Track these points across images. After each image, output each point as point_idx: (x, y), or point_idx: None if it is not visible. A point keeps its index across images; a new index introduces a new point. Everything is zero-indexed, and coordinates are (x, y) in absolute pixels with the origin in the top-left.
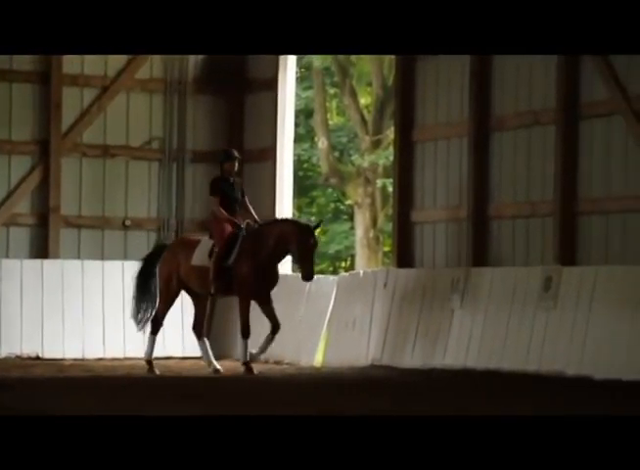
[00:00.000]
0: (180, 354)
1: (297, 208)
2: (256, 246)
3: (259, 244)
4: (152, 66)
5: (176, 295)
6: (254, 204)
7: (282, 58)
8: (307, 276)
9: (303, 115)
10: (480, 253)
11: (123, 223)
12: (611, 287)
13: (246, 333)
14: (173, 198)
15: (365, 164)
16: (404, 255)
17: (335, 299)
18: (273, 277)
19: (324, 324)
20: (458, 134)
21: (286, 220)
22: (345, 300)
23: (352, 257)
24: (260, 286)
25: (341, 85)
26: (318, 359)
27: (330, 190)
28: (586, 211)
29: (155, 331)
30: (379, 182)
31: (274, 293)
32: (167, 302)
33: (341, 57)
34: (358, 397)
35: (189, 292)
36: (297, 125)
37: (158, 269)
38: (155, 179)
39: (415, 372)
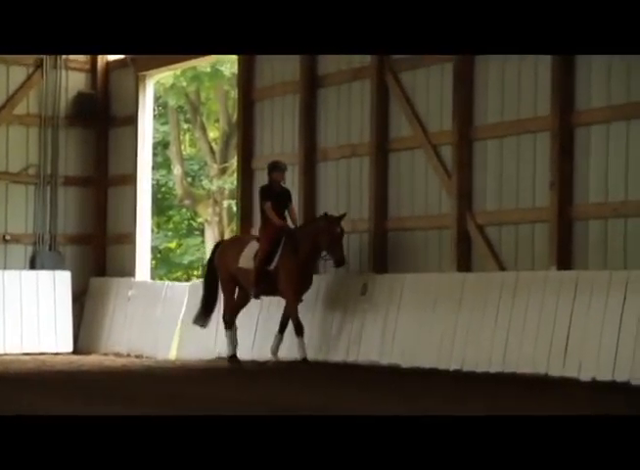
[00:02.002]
0: (54, 350)
1: (156, 225)
2: (296, 247)
3: (298, 245)
4: (28, 103)
5: (234, 289)
6: (118, 222)
7: (141, 97)
8: (339, 262)
9: (161, 146)
10: None
11: (4, 238)
12: (415, 290)
13: (299, 331)
14: (47, 216)
15: (214, 188)
16: None
17: (187, 302)
18: (309, 279)
19: (178, 323)
20: (290, 162)
21: (316, 218)
22: (196, 303)
23: (204, 266)
24: (301, 287)
25: (192, 121)
26: (173, 354)
27: (184, 210)
28: (394, 227)
29: (230, 326)
30: (225, 203)
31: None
32: (230, 296)
33: (192, 97)
34: (204, 383)
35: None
36: (155, 155)
37: (216, 266)
38: (31, 200)
39: (254, 363)
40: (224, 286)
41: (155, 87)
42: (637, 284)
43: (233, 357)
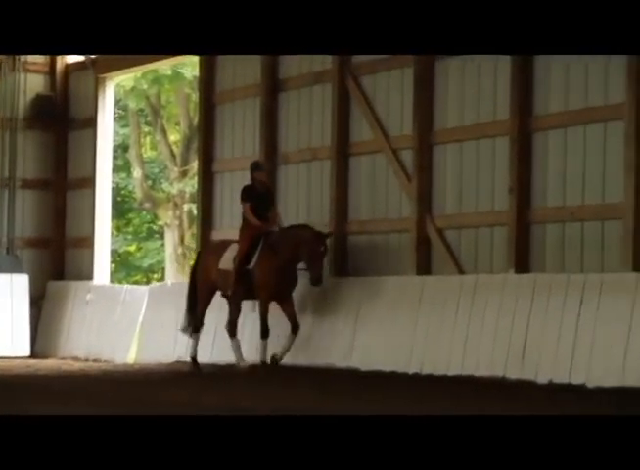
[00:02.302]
0: (11, 354)
1: (116, 228)
2: (275, 250)
3: (278, 248)
4: None
5: (211, 295)
6: (77, 225)
7: (101, 99)
8: (316, 280)
9: (121, 148)
10: None
11: None
12: (375, 293)
13: (265, 334)
14: (5, 219)
15: (174, 191)
16: None
17: (146, 305)
18: (292, 279)
19: (137, 327)
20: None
21: (302, 227)
22: (156, 306)
23: (163, 269)
24: (279, 288)
25: (153, 124)
26: (131, 357)
27: (144, 213)
28: (355, 231)
29: (196, 330)
30: (185, 206)
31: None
32: (204, 303)
33: (153, 100)
34: (163, 386)
35: (222, 294)
36: (115, 158)
37: (198, 272)
38: None
39: (214, 366)
40: (201, 290)
41: (115, 90)
42: (594, 287)
43: (240, 359)
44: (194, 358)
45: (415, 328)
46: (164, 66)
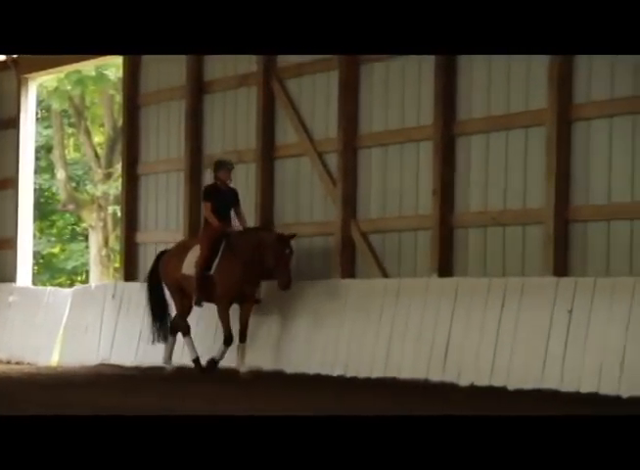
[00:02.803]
0: None
1: (39, 230)
2: (236, 254)
3: (239, 252)
4: None
5: (182, 294)
6: None
7: (23, 99)
8: (284, 285)
9: (44, 150)
10: None
11: None
12: (300, 297)
13: (228, 341)
14: None
15: (98, 193)
16: (130, 270)
17: (70, 307)
18: (254, 283)
19: (60, 329)
20: (176, 169)
21: (264, 229)
22: (79, 308)
23: (87, 271)
24: (241, 293)
25: (77, 125)
26: (55, 359)
27: (68, 215)
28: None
29: (186, 332)
30: (110, 208)
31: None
32: (180, 304)
33: (77, 101)
34: (89, 390)
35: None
36: (38, 159)
37: (161, 275)
38: None
39: (138, 369)
40: (172, 293)
41: (38, 90)
42: (515, 291)
43: (196, 360)
44: (196, 359)
45: (340, 331)
46: (88, 66)
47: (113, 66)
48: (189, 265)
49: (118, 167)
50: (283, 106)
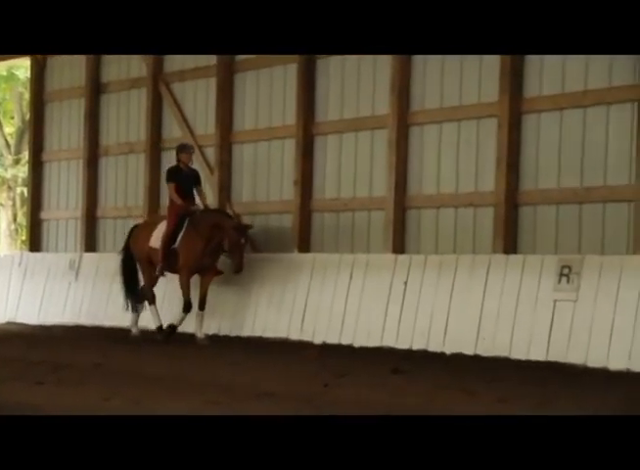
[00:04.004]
0: None
1: None
2: (198, 232)
3: (200, 231)
4: None
5: (150, 265)
6: None
7: None
8: (236, 269)
9: None
10: (89, 242)
11: None
12: None
13: (187, 308)
14: None
15: (8, 176)
16: (34, 242)
17: None
18: (213, 256)
19: None
20: (76, 157)
21: (224, 214)
22: None
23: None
24: (200, 265)
25: None
26: None
27: None
28: (165, 215)
29: (152, 301)
30: (18, 189)
31: None
32: (149, 275)
33: None
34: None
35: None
36: None
37: (132, 249)
38: None
39: (41, 327)
40: (141, 265)
41: None
42: (361, 266)
43: (159, 328)
44: (160, 327)
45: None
46: (0, 67)
47: (22, 67)
48: (156, 239)
49: (26, 154)
50: (169, 105)
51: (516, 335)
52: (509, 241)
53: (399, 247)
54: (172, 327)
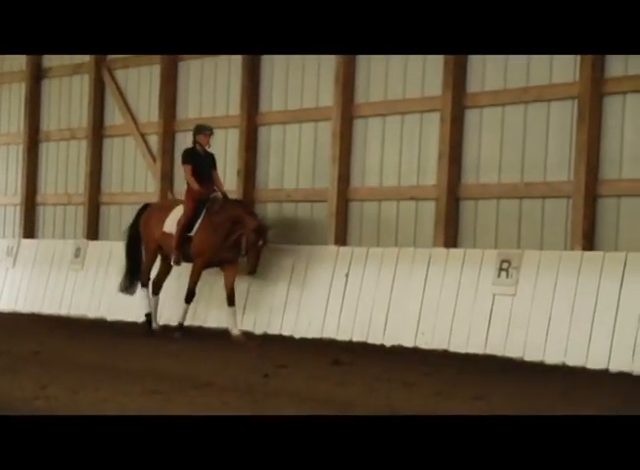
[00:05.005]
0: None
1: None
2: (216, 224)
3: (218, 223)
4: None
5: (156, 254)
6: None
7: None
8: (251, 271)
9: None
10: (28, 229)
11: None
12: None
13: (188, 298)
14: None
15: None
16: None
17: None
18: (232, 250)
19: None
20: (16, 142)
21: (246, 210)
22: None
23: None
24: (215, 258)
25: None
26: None
27: None
28: (106, 201)
29: (145, 284)
30: None
31: None
32: (151, 259)
33: None
34: None
35: (160, 252)
36: None
37: (141, 230)
38: None
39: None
40: (147, 247)
41: None
42: (304, 257)
43: (148, 315)
44: (148, 314)
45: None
46: None
47: None
48: (171, 224)
49: None
50: (112, 92)
51: (455, 328)
52: (450, 235)
53: (341, 239)
54: (180, 325)
